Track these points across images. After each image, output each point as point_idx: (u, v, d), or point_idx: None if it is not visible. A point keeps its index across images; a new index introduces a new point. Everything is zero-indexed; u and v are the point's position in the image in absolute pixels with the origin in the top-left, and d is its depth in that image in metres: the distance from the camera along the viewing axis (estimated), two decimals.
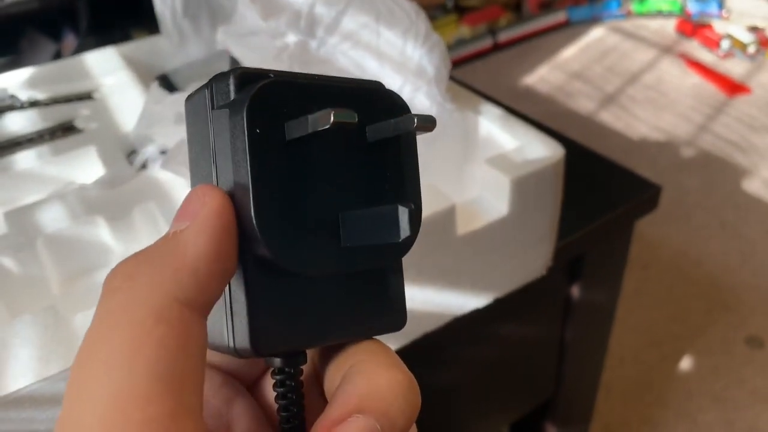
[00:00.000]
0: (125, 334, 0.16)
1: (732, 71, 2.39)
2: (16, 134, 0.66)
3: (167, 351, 0.16)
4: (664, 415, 1.32)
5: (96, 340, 0.17)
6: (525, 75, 2.47)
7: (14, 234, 0.52)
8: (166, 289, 0.17)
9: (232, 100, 0.20)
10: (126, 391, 0.15)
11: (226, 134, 0.20)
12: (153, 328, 0.16)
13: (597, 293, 0.78)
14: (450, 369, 0.71)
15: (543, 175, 0.54)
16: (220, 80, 0.20)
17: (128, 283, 0.17)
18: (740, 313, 1.49)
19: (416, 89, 0.56)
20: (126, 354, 0.16)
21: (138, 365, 0.16)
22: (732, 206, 1.79)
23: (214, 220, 0.19)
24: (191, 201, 0.19)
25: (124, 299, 0.17)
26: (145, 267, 0.18)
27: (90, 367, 0.16)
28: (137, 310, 0.17)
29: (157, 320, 0.17)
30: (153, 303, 0.17)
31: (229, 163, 0.20)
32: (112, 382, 0.16)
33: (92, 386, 0.16)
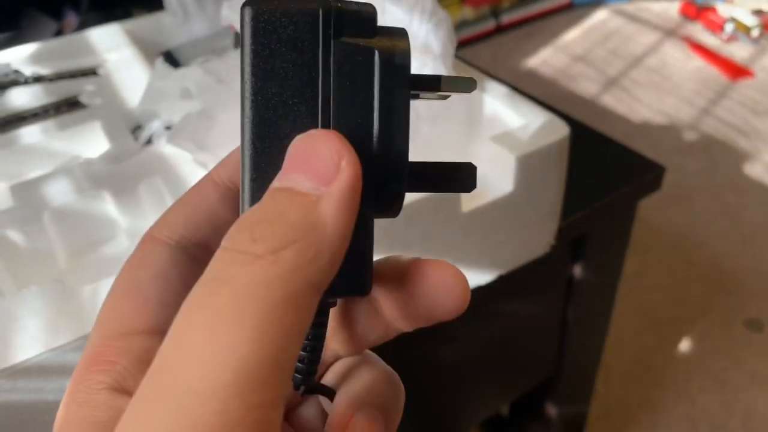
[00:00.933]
0: (260, 312, 0.15)
1: (735, 55, 2.38)
2: (21, 109, 0.66)
3: (291, 339, 0.16)
4: (663, 396, 1.33)
5: (224, 309, 0.15)
6: (528, 57, 2.46)
7: (21, 207, 0.52)
8: (306, 273, 0.16)
9: (373, 39, 0.18)
10: (248, 372, 0.15)
11: (366, 73, 0.18)
12: (288, 314, 0.15)
13: (599, 273, 0.78)
14: (452, 346, 0.71)
15: (548, 152, 0.54)
16: (354, 8, 0.18)
17: (274, 257, 0.16)
18: (740, 296, 1.50)
19: (422, 65, 0.55)
20: (258, 335, 0.15)
21: (265, 348, 0.15)
22: (733, 190, 1.79)
23: (353, 195, 0.17)
24: (322, 157, 0.17)
25: (268, 274, 0.16)
26: (293, 242, 0.16)
27: (213, 335, 0.15)
28: (277, 291, 0.15)
29: (294, 306, 0.16)
30: (293, 287, 0.16)
31: (366, 108, 0.18)
32: (239, 360, 0.15)
33: (214, 357, 0.15)
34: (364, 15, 0.18)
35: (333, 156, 0.17)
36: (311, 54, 0.18)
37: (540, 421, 1.00)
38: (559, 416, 0.96)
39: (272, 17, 0.18)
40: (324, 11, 0.18)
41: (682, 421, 1.28)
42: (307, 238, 0.16)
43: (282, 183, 0.17)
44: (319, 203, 0.16)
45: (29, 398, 0.40)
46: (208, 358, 0.15)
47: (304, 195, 0.17)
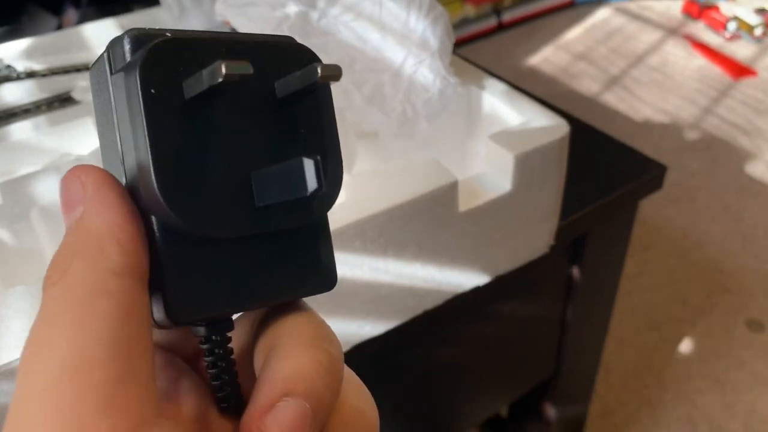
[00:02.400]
0: (70, 314, 0.17)
1: (738, 54, 2.37)
2: (12, 105, 0.65)
3: (111, 320, 0.17)
4: (663, 396, 1.32)
5: (44, 324, 0.17)
6: (529, 55, 2.45)
7: (9, 205, 0.51)
8: (98, 265, 0.18)
9: (127, 62, 0.19)
10: (73, 360, 0.16)
11: (124, 99, 0.19)
12: (95, 303, 0.17)
13: (599, 273, 0.77)
14: (450, 347, 0.70)
15: (547, 151, 0.53)
16: (116, 43, 0.19)
17: (64, 275, 0.18)
18: (741, 296, 1.49)
19: (419, 62, 0.54)
20: (73, 328, 0.17)
21: (84, 336, 0.17)
22: (735, 189, 1.78)
23: (103, 191, 0.19)
24: (69, 189, 0.19)
25: (65, 286, 0.18)
26: (73, 257, 0.18)
27: (41, 345, 0.17)
28: (78, 292, 0.17)
29: (97, 294, 0.17)
30: (90, 281, 0.18)
31: (129, 129, 0.19)
32: (61, 353, 0.16)
33: (43, 360, 0.17)
34: (120, 43, 0.19)
35: (75, 181, 0.19)
36: (107, 93, 0.20)
37: (539, 421, 0.99)
38: (558, 417, 0.95)
39: (94, 64, 0.21)
40: (106, 53, 0.20)
41: (682, 421, 1.27)
42: (85, 245, 0.18)
43: (67, 226, 0.19)
44: (83, 217, 0.19)
45: None
46: (39, 366, 0.17)
47: (73, 223, 0.19)
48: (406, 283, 0.53)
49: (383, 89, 0.56)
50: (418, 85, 0.56)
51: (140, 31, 0.19)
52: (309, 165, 0.18)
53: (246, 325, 0.23)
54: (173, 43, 0.19)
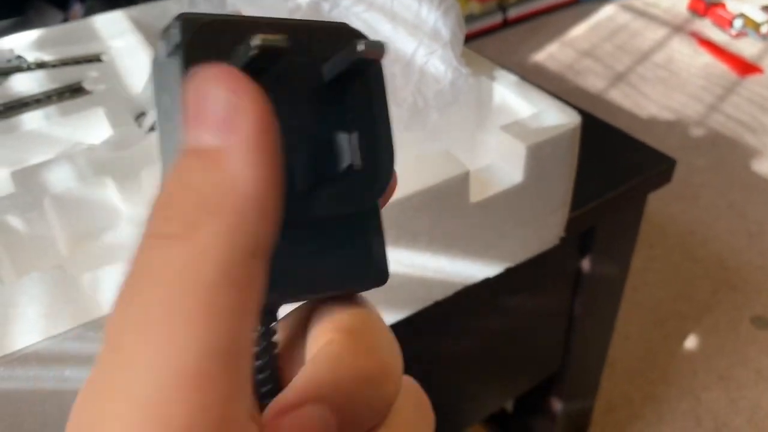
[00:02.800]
0: (189, 300, 0.13)
1: (744, 51, 2.37)
2: (24, 95, 0.65)
3: (236, 321, 0.13)
4: (667, 392, 1.32)
5: (152, 303, 0.13)
6: (534, 52, 2.44)
7: (22, 194, 0.51)
8: (236, 239, 0.14)
9: (175, 46, 0.18)
10: (191, 371, 0.13)
11: (172, 82, 0.18)
12: (224, 294, 0.13)
13: (607, 267, 0.77)
14: (458, 339, 0.70)
15: (559, 142, 0.53)
16: (168, 29, 0.18)
17: (191, 233, 0.13)
18: (746, 293, 1.49)
19: (431, 52, 0.54)
20: (193, 326, 0.13)
21: (207, 340, 0.13)
22: (740, 187, 1.78)
23: (267, 133, 0.14)
24: (210, 97, 0.14)
25: (188, 253, 0.13)
26: (208, 213, 0.14)
27: (146, 335, 0.13)
28: (206, 270, 0.13)
29: (229, 283, 0.13)
30: (224, 260, 0.13)
31: (179, 112, 0.17)
32: (177, 359, 0.13)
33: (149, 360, 0.13)
34: (174, 27, 0.18)
35: (228, 96, 0.14)
36: (163, 75, 0.19)
37: (545, 416, 0.99)
38: (564, 411, 0.95)
39: (155, 64, 0.19)
40: (163, 40, 0.19)
41: (686, 417, 1.27)
42: (225, 201, 0.14)
43: (183, 146, 0.15)
44: (225, 158, 0.14)
45: (27, 386, 0.40)
46: (143, 363, 0.13)
47: (206, 152, 0.14)
48: (416, 274, 0.53)
49: (394, 80, 0.56)
50: (429, 76, 0.56)
51: (190, 15, 0.18)
52: (343, 139, 0.17)
53: (293, 322, 0.21)
54: (217, 23, 0.18)
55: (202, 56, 0.17)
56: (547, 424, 1.01)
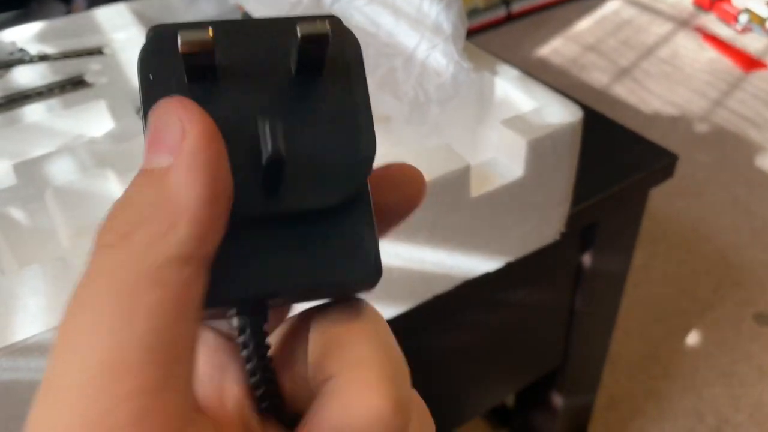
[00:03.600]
0: (117, 299, 0.15)
1: (749, 46, 2.36)
2: (26, 87, 0.65)
3: (160, 318, 0.15)
4: (669, 388, 1.32)
5: (85, 303, 0.15)
6: (538, 46, 2.44)
7: (23, 185, 0.52)
8: (163, 247, 0.15)
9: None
10: (111, 362, 0.14)
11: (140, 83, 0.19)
12: (147, 293, 0.15)
13: (608, 262, 0.77)
14: (458, 333, 0.70)
15: (560, 137, 0.53)
16: (148, 34, 0.19)
17: (123, 242, 0.15)
18: (749, 290, 1.49)
19: (433, 47, 0.54)
20: (116, 320, 0.15)
21: (128, 333, 0.14)
22: (744, 183, 1.77)
23: (205, 154, 0.16)
24: (163, 126, 0.16)
25: (118, 259, 0.15)
26: (140, 224, 0.15)
27: (78, 331, 0.15)
28: (131, 273, 0.15)
29: (152, 283, 0.15)
30: (149, 264, 0.15)
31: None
32: (99, 351, 0.14)
33: (77, 352, 0.15)
34: (147, 35, 0.19)
35: (177, 122, 0.16)
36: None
37: (546, 411, 0.99)
38: (565, 406, 0.96)
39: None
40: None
41: (688, 413, 1.27)
42: (157, 214, 0.15)
43: (141, 166, 0.17)
44: (169, 174, 0.16)
45: (29, 377, 0.40)
46: (72, 359, 0.14)
47: (154, 172, 0.16)
48: (416, 268, 0.53)
49: (396, 74, 0.56)
50: (430, 70, 0.55)
51: (159, 26, 0.19)
52: (262, 127, 0.17)
53: (292, 327, 0.22)
54: (171, 27, 0.18)
55: (155, 64, 0.18)
56: (548, 418, 1.01)
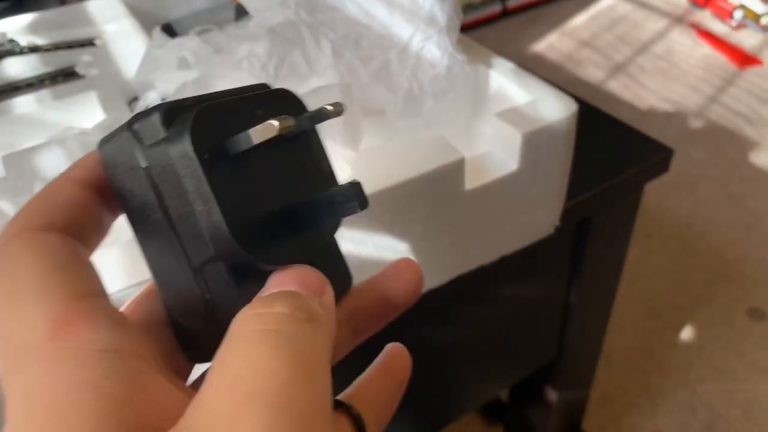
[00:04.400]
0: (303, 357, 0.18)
1: (744, 42, 2.36)
2: (16, 78, 0.64)
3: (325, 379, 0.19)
4: (663, 384, 1.32)
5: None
6: (534, 42, 2.43)
7: (12, 177, 0.51)
8: (326, 335, 0.20)
9: (167, 135, 0.20)
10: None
11: (169, 168, 0.20)
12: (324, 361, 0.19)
13: (603, 256, 0.77)
14: (453, 327, 0.70)
15: (555, 130, 0.52)
16: (143, 119, 0.21)
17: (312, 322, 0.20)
18: (743, 285, 1.49)
19: (426, 38, 0.54)
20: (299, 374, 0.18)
21: (312, 385, 0.18)
22: (739, 178, 1.77)
23: (333, 308, 0.21)
24: (314, 278, 0.21)
25: (310, 330, 0.19)
26: (315, 317, 0.20)
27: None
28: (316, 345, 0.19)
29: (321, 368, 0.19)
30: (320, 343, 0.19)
31: (182, 194, 0.20)
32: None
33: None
34: (152, 119, 0.20)
35: (320, 278, 0.21)
36: (139, 170, 0.21)
37: (540, 405, 0.99)
38: (559, 401, 0.95)
39: (107, 143, 0.21)
40: (130, 131, 0.21)
41: (682, 408, 1.27)
42: (310, 313, 0.20)
43: (283, 287, 0.21)
44: (315, 304, 0.20)
45: None
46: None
47: (304, 297, 0.20)
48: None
49: (390, 66, 0.55)
50: (425, 61, 0.55)
51: (168, 105, 0.21)
52: (358, 187, 0.21)
53: None
54: (208, 109, 0.21)
55: (204, 144, 0.20)
56: (543, 413, 1.01)
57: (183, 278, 0.21)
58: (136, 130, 0.21)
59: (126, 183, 0.21)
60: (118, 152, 0.21)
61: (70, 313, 0.18)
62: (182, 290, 0.22)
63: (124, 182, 0.21)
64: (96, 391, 0.17)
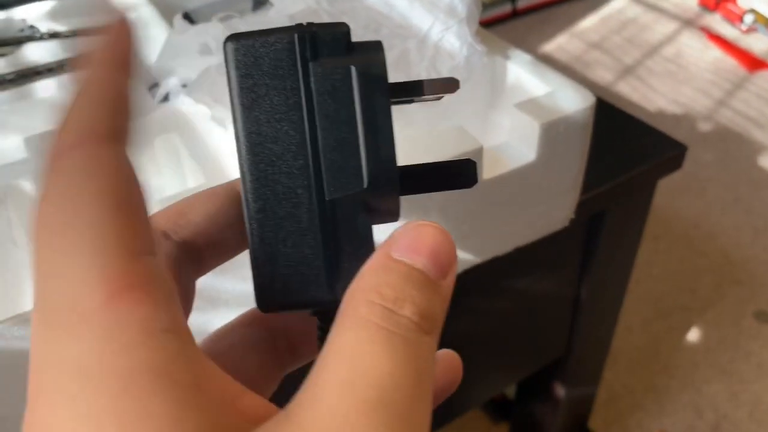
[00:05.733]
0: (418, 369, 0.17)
1: (754, 47, 2.36)
2: (36, 63, 0.65)
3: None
4: (669, 384, 1.32)
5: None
6: (543, 43, 2.43)
7: (35, 159, 0.51)
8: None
9: (349, 55, 0.20)
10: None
11: (344, 88, 0.19)
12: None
13: (615, 252, 0.77)
14: (464, 318, 0.70)
15: (573, 121, 0.53)
16: (327, 29, 0.20)
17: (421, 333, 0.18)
18: (750, 288, 1.49)
19: (446, 28, 0.54)
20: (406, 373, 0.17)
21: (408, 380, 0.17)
22: (747, 182, 1.77)
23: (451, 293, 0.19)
24: (445, 253, 0.19)
25: (421, 342, 0.18)
26: (430, 328, 0.18)
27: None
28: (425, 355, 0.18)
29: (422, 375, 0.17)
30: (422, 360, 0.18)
31: (350, 117, 0.19)
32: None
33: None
34: (338, 35, 0.20)
35: (452, 255, 0.19)
36: (293, 79, 0.20)
37: (547, 402, 0.99)
38: (567, 398, 0.96)
39: (252, 49, 0.20)
40: (299, 36, 0.19)
41: (687, 409, 1.28)
42: (433, 323, 0.18)
43: (413, 261, 0.18)
44: (437, 294, 0.18)
45: None
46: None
47: (431, 282, 0.18)
48: None
49: (409, 55, 0.56)
50: (444, 52, 0.55)
51: (347, 28, 0.20)
52: (475, 165, 0.22)
53: None
54: (382, 48, 0.20)
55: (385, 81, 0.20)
56: (550, 410, 1.01)
57: (299, 212, 0.20)
58: (308, 37, 0.19)
59: (257, 89, 0.20)
60: (264, 52, 0.20)
61: (128, 276, 0.15)
62: (294, 226, 0.20)
63: (254, 88, 0.20)
64: (169, 377, 0.15)
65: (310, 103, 0.19)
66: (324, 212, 0.20)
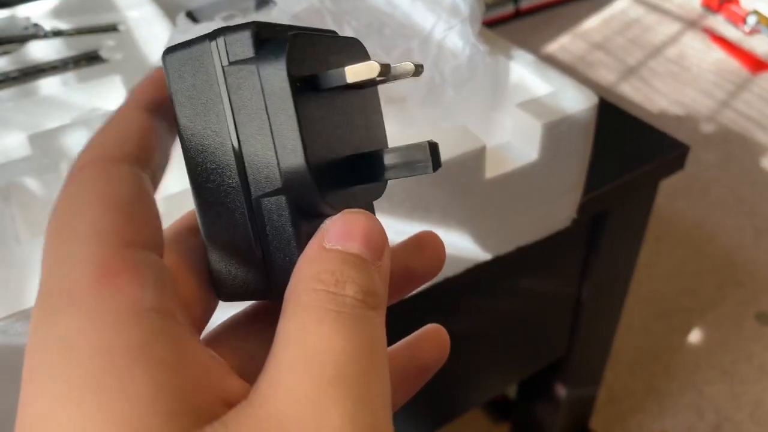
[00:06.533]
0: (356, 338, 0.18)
1: (757, 48, 2.35)
2: (40, 61, 0.65)
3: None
4: (670, 385, 1.32)
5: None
6: (546, 43, 2.43)
7: (38, 157, 0.52)
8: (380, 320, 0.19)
9: (256, 55, 0.20)
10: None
11: (253, 89, 0.20)
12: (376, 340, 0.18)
13: (617, 252, 0.77)
14: (466, 318, 0.70)
15: (575, 121, 0.53)
16: (233, 33, 0.20)
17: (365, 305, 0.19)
18: (752, 289, 1.49)
19: (449, 28, 0.54)
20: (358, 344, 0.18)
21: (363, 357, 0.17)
22: (749, 183, 1.77)
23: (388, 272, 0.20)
24: (377, 235, 0.20)
25: (364, 313, 0.18)
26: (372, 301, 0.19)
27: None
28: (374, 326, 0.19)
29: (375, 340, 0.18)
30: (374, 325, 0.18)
31: (261, 118, 0.20)
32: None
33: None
34: (244, 37, 0.20)
35: (383, 237, 0.20)
36: (215, 86, 0.20)
37: (548, 403, 0.99)
38: (568, 398, 0.96)
39: (182, 60, 0.20)
40: (212, 43, 0.20)
41: (688, 410, 1.27)
42: (377, 299, 0.19)
43: (347, 247, 0.19)
44: (377, 273, 0.19)
45: None
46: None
47: (368, 263, 0.19)
48: None
49: (412, 55, 0.56)
50: (446, 51, 0.55)
51: (261, 25, 0.20)
52: (436, 147, 0.21)
53: None
54: (302, 38, 0.20)
55: (297, 72, 0.19)
56: (551, 411, 1.01)
57: (233, 210, 0.21)
58: (220, 43, 0.20)
59: (190, 97, 0.20)
60: (190, 63, 0.20)
61: (117, 261, 0.17)
62: (230, 223, 0.21)
63: (187, 96, 0.20)
64: (149, 355, 0.16)
65: (231, 109, 0.20)
66: (251, 210, 0.21)
